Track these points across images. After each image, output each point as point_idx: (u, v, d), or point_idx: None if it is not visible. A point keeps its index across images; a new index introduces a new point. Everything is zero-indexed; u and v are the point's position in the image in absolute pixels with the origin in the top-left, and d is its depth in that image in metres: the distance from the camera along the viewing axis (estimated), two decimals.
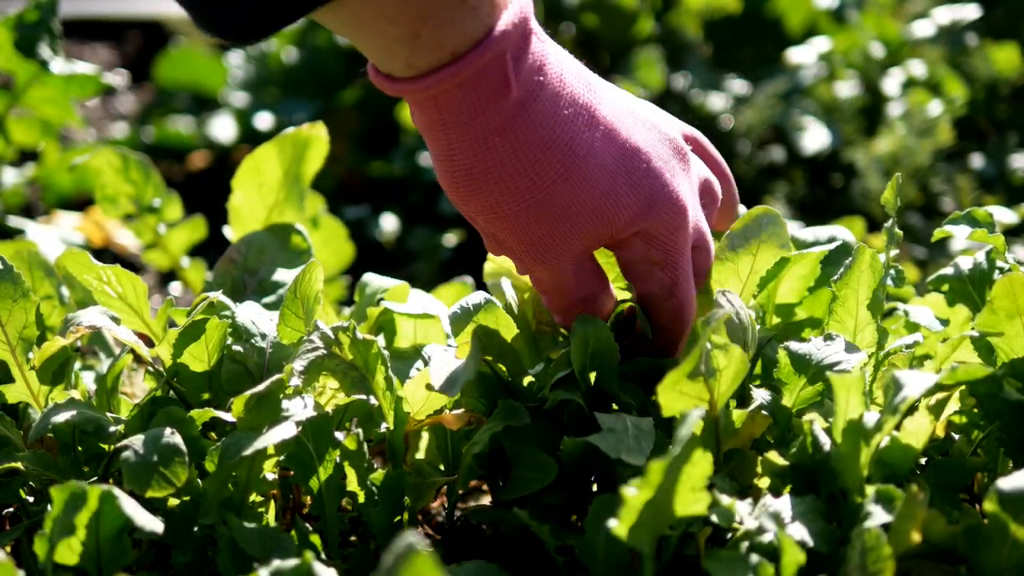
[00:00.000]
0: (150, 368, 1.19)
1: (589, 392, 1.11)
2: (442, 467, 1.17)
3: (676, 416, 0.98)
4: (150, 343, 1.24)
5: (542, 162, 1.05)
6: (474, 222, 1.09)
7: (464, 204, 1.08)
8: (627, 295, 1.17)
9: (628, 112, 1.10)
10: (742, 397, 1.13)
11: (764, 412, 1.10)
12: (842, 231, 1.31)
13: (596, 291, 1.11)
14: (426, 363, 1.18)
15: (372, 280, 1.35)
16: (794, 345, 1.10)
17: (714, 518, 0.97)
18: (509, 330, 1.11)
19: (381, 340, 1.28)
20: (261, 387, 1.03)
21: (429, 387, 1.07)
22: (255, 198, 1.46)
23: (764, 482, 1.08)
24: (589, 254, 1.10)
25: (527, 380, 1.13)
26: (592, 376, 1.11)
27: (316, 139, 1.46)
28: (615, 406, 1.13)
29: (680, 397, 0.97)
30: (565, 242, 1.08)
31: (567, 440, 1.06)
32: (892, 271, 1.14)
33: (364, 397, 1.09)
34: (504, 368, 1.12)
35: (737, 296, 1.08)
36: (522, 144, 1.05)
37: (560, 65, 1.07)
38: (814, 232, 1.32)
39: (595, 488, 1.11)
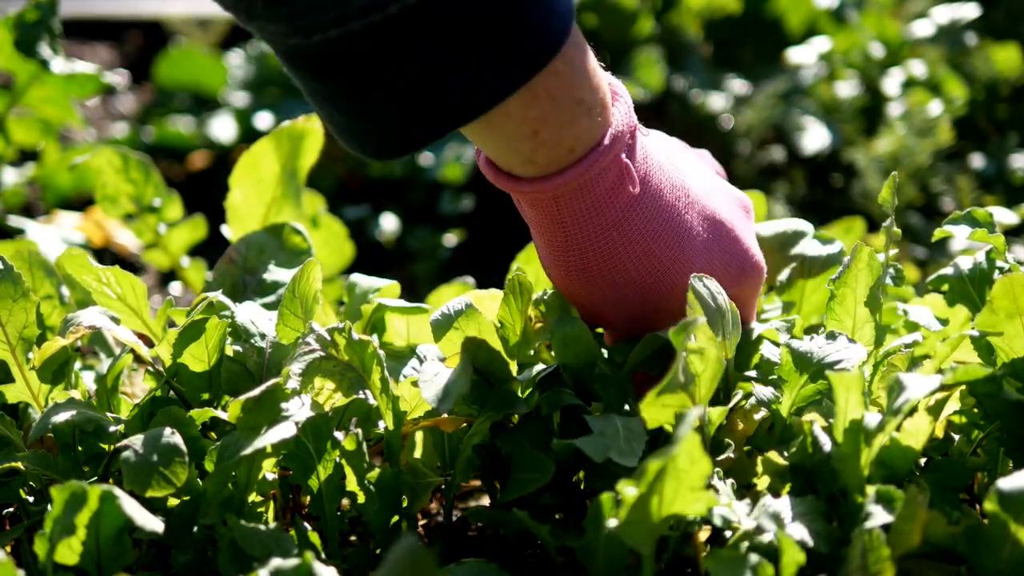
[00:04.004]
0: (150, 368, 1.19)
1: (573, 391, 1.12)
2: (439, 466, 1.17)
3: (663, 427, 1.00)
4: (150, 343, 1.24)
5: (655, 250, 1.10)
6: (576, 303, 1.14)
7: (574, 294, 1.12)
8: None
9: (707, 182, 1.16)
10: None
11: (763, 411, 1.10)
12: (800, 223, 1.31)
13: None
14: (421, 362, 1.18)
15: (360, 280, 1.35)
16: (795, 342, 1.09)
17: (714, 519, 0.97)
18: (491, 336, 1.12)
19: (376, 340, 1.28)
20: (257, 391, 1.03)
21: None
22: (253, 195, 1.46)
23: (764, 482, 1.08)
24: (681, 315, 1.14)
25: (516, 385, 1.13)
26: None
27: (311, 131, 1.46)
28: (597, 406, 1.14)
29: (663, 410, 0.97)
30: (666, 314, 1.12)
31: (557, 442, 1.07)
32: (891, 270, 1.14)
33: (363, 397, 1.09)
34: (493, 374, 1.12)
35: (714, 281, 1.08)
36: (638, 236, 1.09)
37: (657, 151, 1.11)
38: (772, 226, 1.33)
39: (589, 488, 1.11)
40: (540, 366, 1.15)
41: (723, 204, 1.15)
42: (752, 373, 1.15)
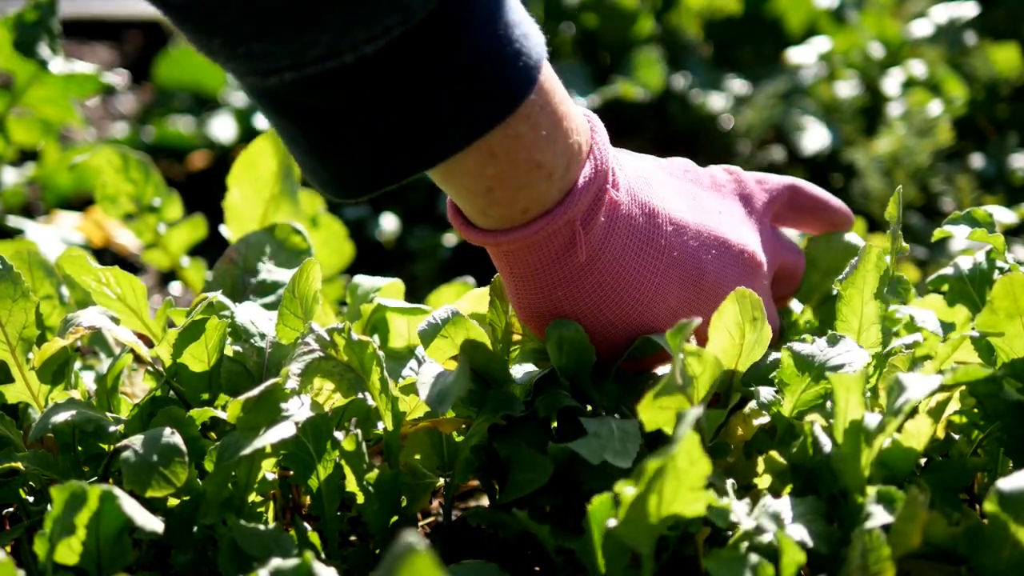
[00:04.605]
0: (150, 368, 1.19)
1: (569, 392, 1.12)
2: (438, 467, 1.17)
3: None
4: (150, 344, 1.24)
5: (604, 312, 1.09)
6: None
7: (535, 332, 1.14)
8: None
9: (696, 237, 1.12)
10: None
11: (762, 418, 1.10)
12: (853, 238, 1.32)
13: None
14: (420, 363, 1.18)
15: (363, 281, 1.35)
16: (797, 346, 1.09)
17: (714, 519, 0.97)
18: (482, 340, 1.12)
19: (376, 340, 1.28)
20: (256, 391, 1.03)
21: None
22: (251, 193, 1.46)
23: (764, 481, 1.08)
24: None
25: (514, 387, 1.13)
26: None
27: None
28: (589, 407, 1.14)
29: (660, 412, 0.97)
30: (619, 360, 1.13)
31: (552, 446, 1.07)
32: (896, 283, 1.15)
33: (362, 397, 1.09)
34: (491, 376, 1.12)
35: (759, 304, 1.09)
36: (584, 298, 1.08)
37: (632, 209, 1.09)
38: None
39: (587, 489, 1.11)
40: (531, 367, 1.15)
41: (710, 264, 1.12)
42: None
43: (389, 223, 2.32)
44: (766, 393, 1.10)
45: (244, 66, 0.94)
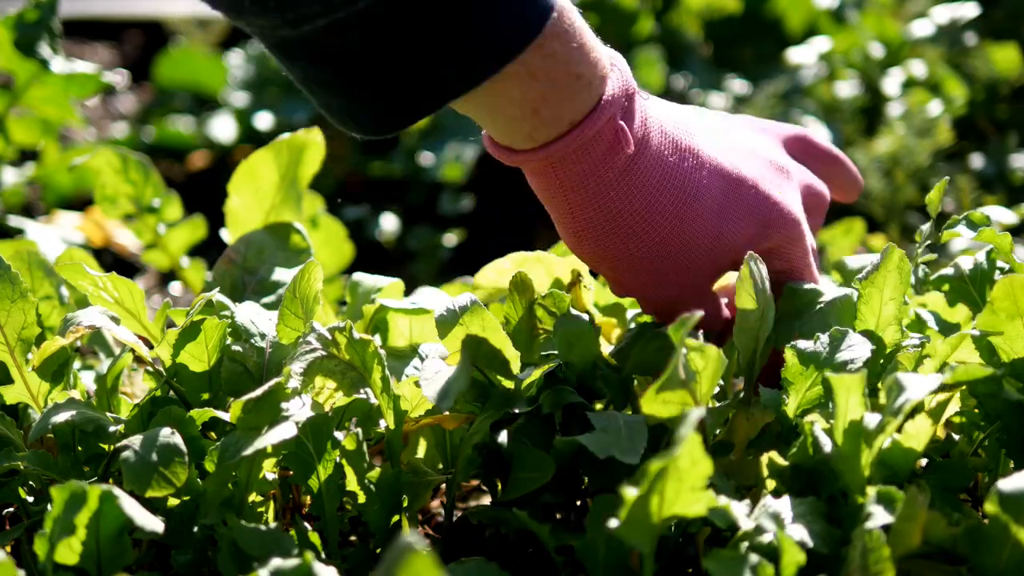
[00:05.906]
0: (150, 368, 1.19)
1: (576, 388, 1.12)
2: (440, 466, 1.17)
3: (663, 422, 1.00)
4: (150, 346, 1.24)
5: (656, 208, 1.12)
6: (598, 270, 1.17)
7: (590, 256, 1.15)
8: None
9: (728, 145, 1.17)
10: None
11: (768, 414, 1.10)
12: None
13: (714, 313, 1.19)
14: (423, 360, 1.18)
15: (364, 279, 1.35)
16: (801, 344, 1.09)
17: (715, 519, 0.97)
18: (495, 332, 1.12)
19: (378, 339, 1.28)
20: (259, 391, 1.03)
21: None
22: (251, 202, 1.46)
23: (765, 482, 1.08)
24: (710, 281, 1.16)
25: (518, 383, 1.13)
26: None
27: (312, 144, 1.46)
28: (599, 405, 1.14)
29: (663, 406, 0.97)
30: (688, 276, 1.14)
31: (559, 440, 1.07)
32: (920, 272, 1.17)
33: (364, 396, 1.09)
34: (495, 372, 1.12)
35: (763, 266, 1.11)
36: (636, 194, 1.11)
37: (660, 117, 1.13)
38: (860, 260, 1.36)
39: (590, 487, 1.11)
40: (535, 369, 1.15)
41: (745, 164, 1.16)
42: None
43: (389, 223, 2.32)
44: (770, 392, 1.10)
45: (274, 19, 0.97)
